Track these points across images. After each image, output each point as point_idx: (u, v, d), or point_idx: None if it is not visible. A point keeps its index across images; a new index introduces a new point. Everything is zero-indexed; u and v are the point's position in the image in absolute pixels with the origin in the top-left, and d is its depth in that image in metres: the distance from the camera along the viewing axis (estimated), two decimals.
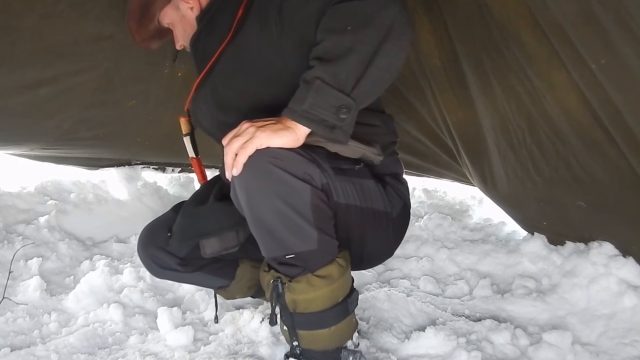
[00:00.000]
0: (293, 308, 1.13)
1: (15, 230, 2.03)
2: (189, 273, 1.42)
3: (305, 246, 1.07)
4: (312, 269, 1.10)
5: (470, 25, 1.60)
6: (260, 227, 1.08)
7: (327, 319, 1.14)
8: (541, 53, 1.39)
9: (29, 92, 1.69)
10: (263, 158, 1.00)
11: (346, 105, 0.99)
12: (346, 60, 0.99)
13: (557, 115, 1.51)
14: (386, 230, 1.29)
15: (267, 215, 1.04)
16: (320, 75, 0.99)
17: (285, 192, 1.02)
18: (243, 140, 1.00)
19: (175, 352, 1.43)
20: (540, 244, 1.95)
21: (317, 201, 1.07)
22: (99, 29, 1.66)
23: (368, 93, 1.04)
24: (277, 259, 1.11)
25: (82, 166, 2.58)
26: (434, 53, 1.88)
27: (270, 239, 1.08)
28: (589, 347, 1.42)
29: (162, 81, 2.05)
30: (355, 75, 1.00)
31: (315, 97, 0.99)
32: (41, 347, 1.44)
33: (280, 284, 1.12)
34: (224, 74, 1.28)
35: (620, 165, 1.44)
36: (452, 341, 1.42)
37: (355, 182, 1.19)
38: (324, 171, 1.09)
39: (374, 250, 1.32)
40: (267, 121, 1.03)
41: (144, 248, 1.41)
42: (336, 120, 1.00)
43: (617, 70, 1.19)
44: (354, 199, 1.18)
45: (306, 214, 1.05)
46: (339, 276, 1.13)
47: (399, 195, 1.32)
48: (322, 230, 1.08)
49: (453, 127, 2.03)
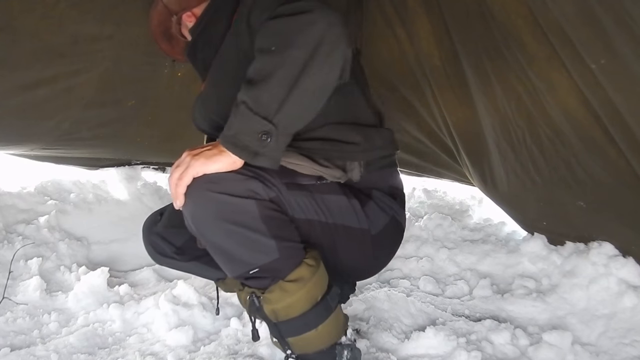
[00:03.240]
0: (275, 318, 1.13)
1: (15, 230, 2.03)
2: (185, 262, 1.43)
3: (267, 257, 1.07)
4: (282, 276, 1.10)
5: (470, 25, 1.60)
6: (217, 252, 1.09)
7: (311, 320, 1.13)
8: (541, 53, 1.39)
9: (29, 92, 1.69)
10: (200, 186, 1.01)
11: (267, 131, 0.96)
12: (267, 84, 0.95)
13: (557, 115, 1.51)
14: (362, 247, 1.26)
15: (220, 239, 1.05)
16: (245, 100, 0.97)
17: (230, 213, 1.03)
18: (180, 171, 1.01)
19: (175, 352, 1.43)
20: (540, 244, 1.95)
21: (268, 212, 1.06)
22: (99, 29, 1.66)
23: (294, 117, 1.00)
24: (243, 275, 1.12)
25: (82, 166, 2.58)
26: (434, 53, 1.88)
27: (230, 261, 1.10)
28: (589, 347, 1.42)
29: (162, 81, 2.05)
30: (278, 99, 0.95)
31: (240, 123, 0.97)
32: (41, 347, 1.44)
33: (255, 298, 1.13)
34: (211, 83, 1.31)
35: (620, 165, 1.44)
36: (452, 341, 1.42)
37: (317, 198, 1.17)
38: (272, 185, 1.09)
39: (351, 265, 1.30)
40: (203, 148, 1.03)
41: (146, 234, 1.46)
42: (259, 146, 0.97)
43: (617, 70, 1.19)
44: (316, 214, 1.17)
45: (259, 227, 1.05)
46: (311, 276, 1.12)
47: (384, 211, 1.27)
48: (281, 237, 1.08)
49: (453, 127, 2.03)
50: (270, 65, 0.97)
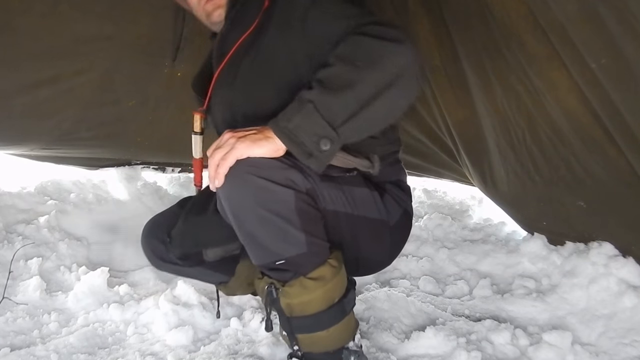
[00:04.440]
0: (289, 312, 1.13)
1: (15, 230, 2.03)
2: (188, 267, 1.42)
3: (295, 250, 1.07)
4: (304, 272, 1.10)
5: (470, 26, 1.60)
6: (248, 237, 1.09)
7: (324, 321, 1.14)
8: (541, 53, 1.39)
9: (29, 92, 1.69)
10: (242, 169, 1.01)
11: (330, 137, 0.98)
12: (344, 94, 0.98)
13: (557, 115, 1.51)
14: (381, 238, 1.29)
15: (253, 224, 1.05)
16: (314, 100, 0.97)
17: (267, 200, 1.02)
18: (224, 152, 1.01)
19: (175, 352, 1.42)
20: (540, 244, 1.95)
21: (303, 205, 1.07)
22: (99, 29, 1.66)
23: (356, 131, 1.03)
24: (268, 265, 1.11)
25: (82, 166, 2.58)
26: (434, 53, 1.88)
27: (258, 248, 1.09)
28: (588, 347, 1.42)
29: (162, 81, 2.05)
30: (348, 111, 0.98)
31: (303, 120, 0.98)
32: (41, 347, 1.43)
33: (274, 289, 1.12)
34: (241, 78, 1.24)
35: (620, 165, 1.44)
36: (452, 341, 1.42)
37: (345, 190, 1.18)
38: (308, 176, 1.09)
39: (369, 256, 1.31)
40: (248, 131, 1.03)
41: (146, 240, 1.44)
42: (315, 148, 0.98)
43: (617, 70, 1.19)
44: (343, 206, 1.18)
45: (292, 218, 1.05)
46: (332, 277, 1.12)
47: (399, 203, 1.32)
48: (310, 233, 1.08)
49: (453, 127, 2.03)
50: (351, 76, 0.98)
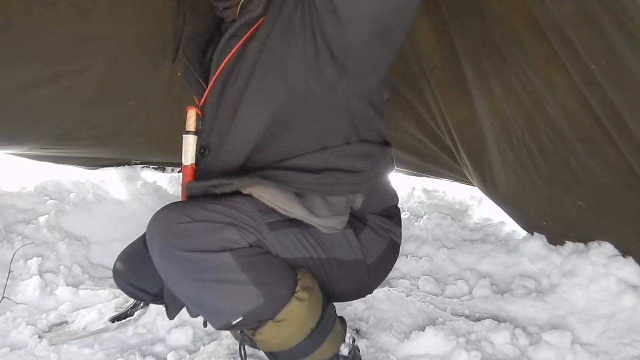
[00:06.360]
0: (269, 350, 1.10)
1: (15, 230, 2.03)
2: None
3: (251, 305, 1.01)
4: (271, 317, 1.05)
5: (470, 26, 1.60)
6: (196, 305, 1.05)
7: (308, 347, 1.09)
8: (541, 53, 1.39)
9: (29, 92, 1.69)
10: (170, 243, 0.96)
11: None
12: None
13: (557, 115, 1.51)
14: (358, 277, 1.21)
15: (195, 295, 1.01)
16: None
17: (203, 270, 0.97)
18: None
19: (175, 352, 1.42)
20: (540, 244, 1.95)
21: (247, 259, 1.01)
22: (99, 28, 1.65)
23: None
24: (227, 327, 1.06)
25: (82, 166, 2.57)
26: (434, 53, 1.88)
27: (211, 313, 1.05)
28: (588, 347, 1.42)
29: (162, 81, 2.05)
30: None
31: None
32: (41, 347, 1.43)
33: (247, 338, 1.09)
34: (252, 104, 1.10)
35: (620, 165, 1.44)
36: (452, 341, 1.42)
37: (306, 233, 1.10)
38: (251, 230, 1.03)
39: (343, 291, 1.24)
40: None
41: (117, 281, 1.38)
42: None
43: (617, 71, 1.19)
44: (307, 251, 1.11)
45: (238, 278, 0.99)
46: (304, 309, 1.06)
47: (381, 236, 1.23)
48: (265, 283, 1.02)
49: (453, 127, 2.03)
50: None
